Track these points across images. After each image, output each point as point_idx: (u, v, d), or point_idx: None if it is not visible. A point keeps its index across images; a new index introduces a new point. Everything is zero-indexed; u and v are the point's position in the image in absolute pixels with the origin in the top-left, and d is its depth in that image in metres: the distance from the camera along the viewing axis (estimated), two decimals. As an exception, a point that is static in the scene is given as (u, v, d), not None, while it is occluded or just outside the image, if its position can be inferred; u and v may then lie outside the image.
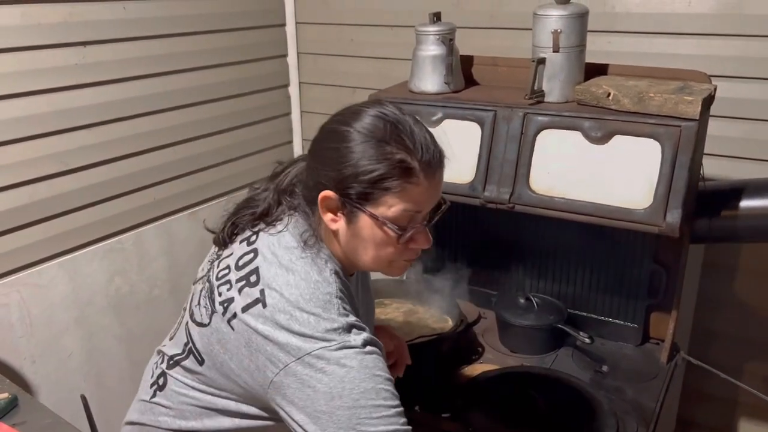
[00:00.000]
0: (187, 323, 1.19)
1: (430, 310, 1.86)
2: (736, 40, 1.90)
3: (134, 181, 2.20)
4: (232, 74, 2.47)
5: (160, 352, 1.28)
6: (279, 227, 1.12)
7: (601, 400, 1.53)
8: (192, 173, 2.39)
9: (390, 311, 1.86)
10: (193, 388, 1.17)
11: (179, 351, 1.20)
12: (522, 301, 1.81)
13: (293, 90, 2.78)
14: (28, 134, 1.88)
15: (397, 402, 1.00)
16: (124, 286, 2.23)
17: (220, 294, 1.11)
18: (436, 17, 1.77)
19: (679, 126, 1.42)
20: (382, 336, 1.31)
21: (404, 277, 2.07)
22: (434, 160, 1.05)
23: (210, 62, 2.38)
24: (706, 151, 1.67)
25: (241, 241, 1.16)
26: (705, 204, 1.68)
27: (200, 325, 1.14)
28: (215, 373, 1.12)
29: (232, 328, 1.06)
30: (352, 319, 1.03)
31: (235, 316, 1.06)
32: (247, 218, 1.17)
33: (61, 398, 2.03)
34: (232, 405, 1.14)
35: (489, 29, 2.24)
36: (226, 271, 1.13)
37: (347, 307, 1.05)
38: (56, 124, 1.95)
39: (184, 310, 1.24)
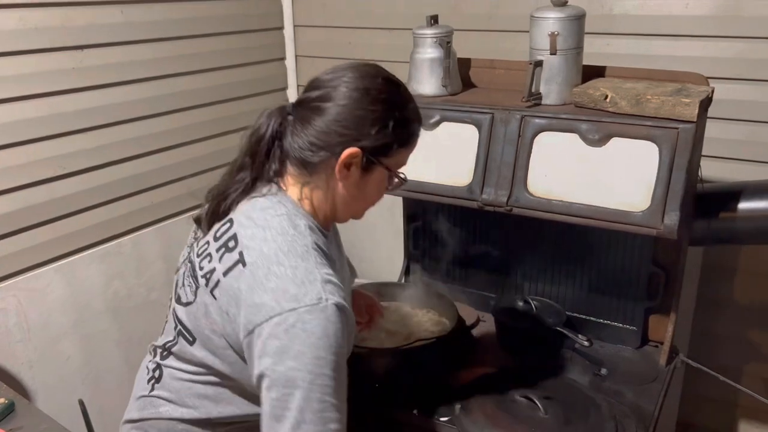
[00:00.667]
0: (174, 309, 1.22)
1: (429, 313, 1.85)
2: (733, 41, 1.90)
3: (132, 185, 2.20)
4: (230, 77, 2.47)
5: (152, 347, 1.30)
6: (254, 194, 1.16)
7: (600, 403, 1.52)
8: (190, 176, 2.38)
9: (388, 314, 1.85)
10: (187, 372, 1.20)
11: (170, 338, 1.22)
12: (520, 303, 1.81)
13: (291, 93, 2.78)
14: (25, 138, 1.88)
15: (342, 375, 1.05)
16: (122, 289, 2.22)
17: (201, 268, 1.15)
18: (434, 20, 1.77)
19: (677, 128, 1.41)
20: (354, 297, 1.43)
21: (403, 280, 2.07)
22: None
23: (208, 65, 2.38)
24: (704, 153, 1.67)
25: None
26: (703, 206, 1.68)
27: (187, 304, 1.17)
28: (204, 351, 1.15)
29: (215, 298, 1.10)
30: (328, 271, 1.07)
31: (218, 284, 1.10)
32: (234, 197, 1.18)
33: (59, 403, 2.03)
34: (227, 394, 1.17)
35: (486, 32, 2.24)
36: (206, 246, 1.17)
37: (323, 260, 1.09)
38: (53, 128, 1.95)
39: (171, 299, 1.26)
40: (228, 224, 1.14)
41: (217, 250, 1.13)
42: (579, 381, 1.64)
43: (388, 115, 1.12)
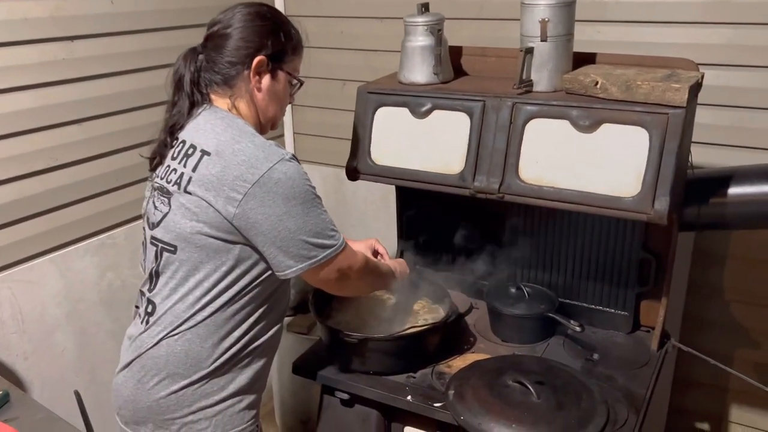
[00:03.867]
0: (150, 240, 1.38)
1: (422, 301, 1.86)
2: (724, 28, 1.90)
3: (125, 176, 2.20)
4: (221, 68, 2.46)
5: (139, 292, 1.44)
6: (192, 117, 1.37)
7: (592, 388, 1.54)
8: (183, 168, 2.38)
9: (380, 302, 1.86)
10: (176, 288, 1.34)
11: (153, 264, 1.38)
12: (513, 290, 1.82)
13: (283, 83, 2.77)
14: (16, 130, 1.88)
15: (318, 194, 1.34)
16: (116, 281, 2.23)
17: (170, 181, 1.34)
18: (425, 8, 1.76)
19: (667, 113, 1.42)
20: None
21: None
22: None
23: (199, 56, 2.37)
24: (694, 139, 1.68)
25: None
26: (694, 191, 1.69)
27: (163, 217, 1.34)
28: (189, 251, 1.31)
29: (190, 193, 1.29)
30: (274, 142, 1.32)
31: (190, 180, 1.29)
32: (177, 126, 1.38)
33: (54, 394, 2.03)
34: (213, 287, 1.32)
35: (478, 20, 2.24)
36: (167, 168, 1.36)
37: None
38: (45, 120, 1.94)
39: (143, 244, 1.44)
40: (181, 144, 1.36)
41: (180, 162, 1.33)
42: (571, 366, 1.65)
43: (277, 27, 1.39)
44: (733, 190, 1.66)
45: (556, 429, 1.40)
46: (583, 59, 1.70)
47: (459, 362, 1.70)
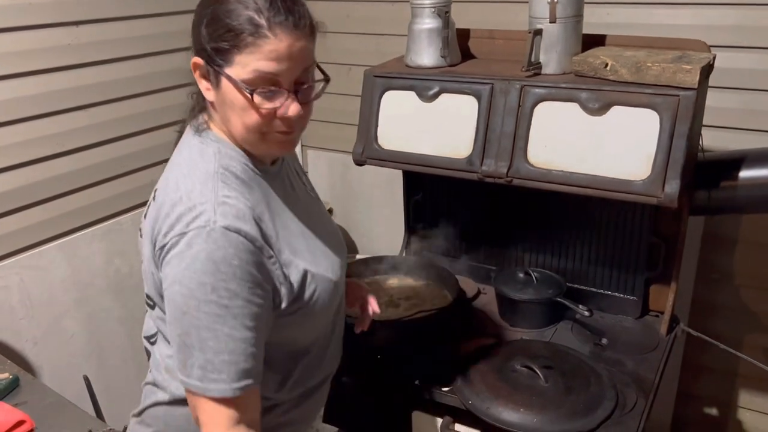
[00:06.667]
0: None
1: (430, 285, 1.86)
2: (735, 8, 1.87)
3: (131, 162, 2.19)
4: (227, 53, 2.45)
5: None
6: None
7: (600, 373, 1.53)
8: (189, 153, 2.38)
9: (388, 287, 1.86)
10: (165, 347, 1.15)
11: (149, 325, 1.21)
12: (521, 275, 1.81)
13: (289, 68, 2.75)
14: (22, 116, 1.87)
15: (237, 302, 0.98)
16: (123, 266, 2.23)
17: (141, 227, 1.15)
18: (432, -10, 1.74)
19: (678, 95, 1.40)
20: (349, 289, 1.38)
21: (403, 253, 2.07)
22: (288, 21, 0.98)
23: (205, 41, 2.35)
24: (705, 122, 1.66)
25: None
26: (704, 175, 1.67)
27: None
28: (159, 311, 1.11)
29: (143, 246, 1.10)
30: (227, 193, 1.01)
31: (141, 231, 1.11)
32: None
33: (64, 379, 2.04)
34: None
35: (485, 2, 2.21)
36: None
37: (228, 183, 1.03)
38: (50, 106, 1.94)
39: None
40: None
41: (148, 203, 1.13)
42: (580, 351, 1.65)
43: (203, 12, 1.00)
44: (744, 174, 1.64)
45: (565, 413, 1.40)
46: (593, 41, 1.67)
47: (467, 347, 1.69)
